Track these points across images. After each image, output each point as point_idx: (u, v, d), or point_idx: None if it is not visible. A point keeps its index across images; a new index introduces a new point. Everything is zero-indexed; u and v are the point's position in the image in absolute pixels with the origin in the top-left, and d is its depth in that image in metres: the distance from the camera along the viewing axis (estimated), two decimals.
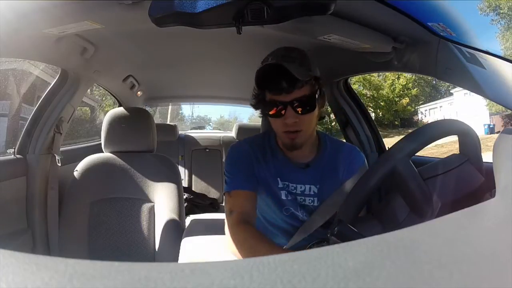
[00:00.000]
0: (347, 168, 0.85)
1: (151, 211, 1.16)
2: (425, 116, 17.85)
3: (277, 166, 0.85)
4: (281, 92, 0.74)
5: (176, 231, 1.11)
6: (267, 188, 0.84)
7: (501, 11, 14.00)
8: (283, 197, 0.84)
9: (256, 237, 0.72)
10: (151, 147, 1.24)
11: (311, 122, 0.79)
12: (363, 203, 0.69)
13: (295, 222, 0.85)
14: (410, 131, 0.77)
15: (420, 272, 0.21)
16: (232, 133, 2.50)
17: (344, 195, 0.73)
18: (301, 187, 0.84)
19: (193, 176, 2.38)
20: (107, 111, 1.30)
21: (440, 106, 17.51)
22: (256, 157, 0.85)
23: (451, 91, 16.52)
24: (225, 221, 0.79)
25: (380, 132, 1.58)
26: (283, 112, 0.75)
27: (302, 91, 0.74)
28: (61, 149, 1.25)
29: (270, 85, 0.75)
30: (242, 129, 2.40)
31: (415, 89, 17.76)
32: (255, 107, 0.83)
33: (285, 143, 0.81)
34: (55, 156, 1.18)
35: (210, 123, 9.49)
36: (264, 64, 0.74)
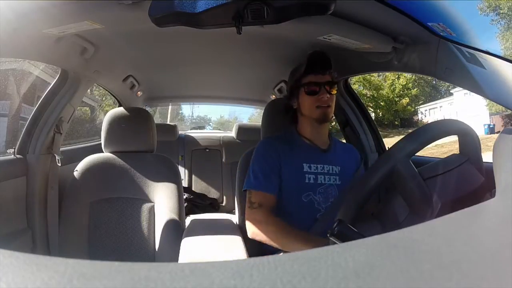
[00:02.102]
0: (355, 160, 1.06)
1: (151, 211, 1.16)
2: (425, 116, 17.83)
3: (302, 152, 0.98)
4: (318, 73, 0.95)
5: (176, 231, 1.11)
6: (293, 174, 0.96)
7: (501, 11, 13.98)
8: (307, 180, 0.95)
9: (288, 227, 0.87)
10: (151, 147, 1.24)
11: (334, 102, 0.98)
12: (363, 203, 0.69)
13: (312, 209, 0.94)
14: (410, 131, 0.78)
15: (420, 272, 0.21)
16: (232, 133, 2.50)
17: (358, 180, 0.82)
18: (326, 167, 0.98)
19: (193, 176, 2.38)
20: (107, 111, 1.30)
21: (440, 106, 17.50)
22: (284, 150, 0.98)
23: (451, 91, 16.50)
24: (247, 212, 0.92)
25: (380, 132, 1.58)
26: (318, 89, 0.95)
27: (330, 76, 0.96)
28: (61, 149, 1.24)
29: (314, 67, 0.95)
30: (242, 129, 2.40)
31: (415, 89, 17.75)
32: (291, 92, 1.02)
33: (318, 116, 0.97)
34: (55, 156, 1.17)
35: (210, 123, 9.46)
36: (313, 51, 0.95)
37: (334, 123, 1.67)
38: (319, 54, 0.96)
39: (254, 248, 0.92)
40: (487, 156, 0.58)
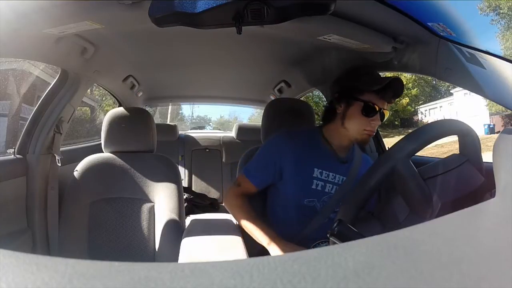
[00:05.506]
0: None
1: (151, 211, 1.16)
2: (425, 116, 17.83)
3: (319, 157, 0.95)
4: (384, 100, 0.89)
5: (176, 231, 1.11)
6: (299, 176, 0.94)
7: (501, 11, 13.96)
8: (313, 186, 0.94)
9: (250, 211, 0.94)
10: (151, 147, 1.24)
11: None
12: (363, 203, 0.69)
13: (311, 213, 0.94)
14: (410, 131, 0.78)
15: (420, 272, 0.21)
16: (232, 133, 2.50)
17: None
18: (338, 177, 0.96)
19: (193, 176, 2.38)
20: (107, 111, 1.30)
21: (440, 106, 17.49)
22: (296, 149, 0.95)
23: (451, 91, 16.49)
24: (230, 188, 1.01)
25: (380, 132, 1.58)
26: (374, 113, 0.89)
27: (389, 106, 0.92)
28: (61, 149, 1.24)
29: (386, 93, 0.88)
30: (242, 129, 2.40)
31: (415, 89, 17.75)
32: (342, 95, 0.93)
33: (361, 140, 0.93)
34: (55, 156, 1.17)
35: (210, 123, 9.47)
36: (396, 79, 0.87)
37: None
38: (399, 85, 0.89)
39: (254, 248, 0.92)
40: (487, 156, 0.58)
